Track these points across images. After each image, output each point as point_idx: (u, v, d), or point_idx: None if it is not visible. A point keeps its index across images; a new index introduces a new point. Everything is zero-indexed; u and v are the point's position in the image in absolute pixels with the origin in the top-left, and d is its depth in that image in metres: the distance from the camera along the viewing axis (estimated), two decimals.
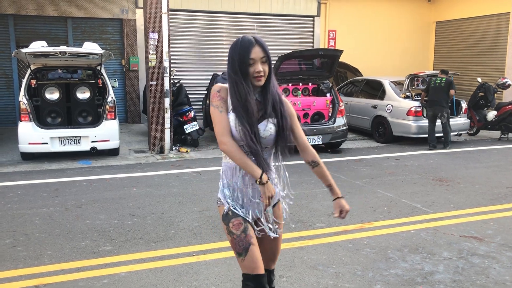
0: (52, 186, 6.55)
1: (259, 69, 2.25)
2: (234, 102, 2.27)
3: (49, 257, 4.14)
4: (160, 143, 9.10)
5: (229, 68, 2.30)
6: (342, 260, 4.08)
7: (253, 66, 2.25)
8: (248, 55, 2.23)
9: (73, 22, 12.31)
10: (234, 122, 2.27)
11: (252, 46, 2.25)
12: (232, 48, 2.30)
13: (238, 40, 2.30)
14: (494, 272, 3.84)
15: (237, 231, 2.34)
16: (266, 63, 2.29)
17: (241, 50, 2.25)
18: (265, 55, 2.27)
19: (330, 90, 9.61)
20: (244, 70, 2.25)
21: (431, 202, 5.84)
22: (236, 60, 2.26)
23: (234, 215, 2.37)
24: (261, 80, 2.28)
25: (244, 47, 2.25)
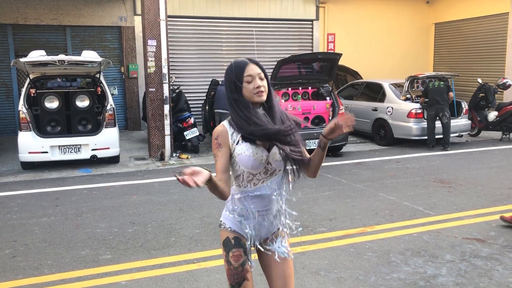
0: (52, 195, 6.53)
1: (258, 84, 2.22)
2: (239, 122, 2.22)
3: (49, 266, 4.12)
4: (161, 150, 9.08)
5: (227, 90, 2.28)
6: (344, 265, 4.05)
7: (252, 83, 2.22)
8: (243, 73, 2.22)
9: (72, 31, 12.35)
10: (250, 151, 2.22)
11: (247, 64, 2.24)
12: (227, 72, 2.29)
13: (232, 63, 2.29)
14: (497, 274, 3.81)
15: (235, 263, 2.31)
16: (264, 79, 2.26)
17: (236, 69, 2.24)
18: (262, 71, 2.26)
19: (330, 94, 9.59)
20: (239, 88, 2.22)
21: (433, 205, 5.80)
22: (233, 80, 2.24)
23: (237, 245, 2.32)
24: (262, 95, 2.23)
25: (239, 67, 2.24)
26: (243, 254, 2.32)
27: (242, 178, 2.31)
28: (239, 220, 2.33)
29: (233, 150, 2.28)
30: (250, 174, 2.29)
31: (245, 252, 2.33)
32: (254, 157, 2.22)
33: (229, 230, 2.35)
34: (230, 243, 2.33)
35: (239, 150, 2.25)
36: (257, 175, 2.29)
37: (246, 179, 2.31)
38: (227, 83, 2.29)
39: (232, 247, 2.32)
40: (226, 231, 2.35)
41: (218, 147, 2.27)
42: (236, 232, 2.34)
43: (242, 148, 2.24)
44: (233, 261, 2.31)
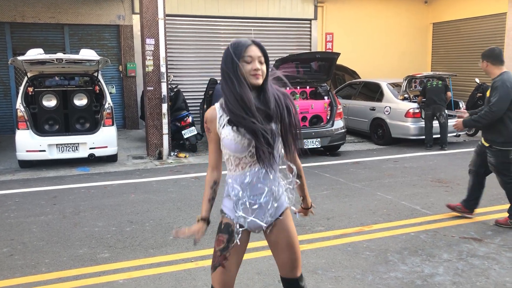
0: (50, 194, 6.53)
1: (256, 66, 2.21)
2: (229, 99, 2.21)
3: (47, 265, 4.12)
4: (158, 148, 9.08)
5: (223, 64, 2.26)
6: (342, 264, 4.06)
7: (251, 64, 2.21)
8: (242, 51, 2.21)
9: (70, 29, 12.32)
10: (232, 135, 2.24)
11: (249, 44, 2.23)
12: (226, 48, 2.27)
13: (234, 41, 2.28)
14: (494, 273, 3.82)
15: (217, 247, 2.38)
16: (264, 64, 2.25)
17: (236, 47, 2.23)
18: (263, 55, 2.25)
19: (328, 93, 9.60)
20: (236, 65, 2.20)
21: (431, 204, 5.82)
22: (232, 54, 2.22)
23: (224, 231, 2.38)
24: (259, 78, 2.22)
25: (241, 44, 2.23)
26: (225, 241, 2.36)
27: (230, 162, 2.35)
28: (232, 206, 2.37)
29: (220, 134, 2.30)
30: (236, 158, 2.29)
31: (229, 240, 2.35)
32: (236, 141, 2.23)
33: (224, 216, 2.42)
34: (220, 227, 2.41)
35: (223, 133, 2.28)
36: (243, 159, 2.29)
37: (233, 163, 2.33)
38: (224, 57, 2.27)
39: (219, 231, 2.40)
40: (222, 216, 2.43)
41: (207, 131, 2.35)
42: (228, 218, 2.39)
43: (225, 131, 2.27)
44: (215, 245, 2.39)
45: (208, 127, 2.33)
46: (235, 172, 2.33)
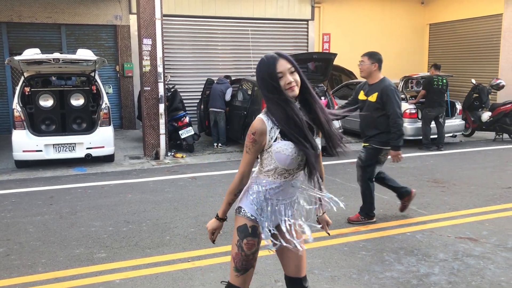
0: (46, 194, 6.52)
1: (289, 80, 2.24)
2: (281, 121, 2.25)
3: (43, 265, 4.12)
4: (155, 149, 9.08)
5: (263, 90, 2.29)
6: (338, 264, 4.07)
7: (283, 79, 2.24)
8: (275, 69, 2.23)
9: (67, 29, 12.31)
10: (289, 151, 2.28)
11: (277, 60, 2.26)
12: (258, 70, 2.30)
13: (262, 60, 2.30)
14: (490, 273, 3.84)
15: (248, 251, 2.38)
16: (296, 73, 2.28)
17: (267, 68, 2.25)
18: (292, 65, 2.28)
19: (324, 94, 9.62)
20: (277, 85, 2.23)
21: (427, 204, 5.84)
22: (267, 79, 2.25)
23: (253, 234, 2.38)
24: (294, 90, 2.26)
25: (269, 64, 2.25)
26: (256, 244, 2.40)
27: (274, 172, 2.37)
28: (259, 208, 2.39)
29: (269, 147, 2.31)
30: (283, 169, 2.35)
31: (259, 242, 2.42)
32: (293, 156, 2.29)
33: (248, 218, 2.39)
34: (247, 230, 2.38)
35: (277, 148, 2.29)
36: (290, 170, 2.36)
37: (278, 173, 2.37)
38: (260, 81, 2.30)
39: (248, 235, 2.38)
40: (244, 217, 2.40)
41: (253, 142, 2.31)
42: (255, 221, 2.39)
43: (281, 146, 2.29)
44: (246, 249, 2.38)
45: (256, 139, 2.29)
46: (276, 180, 2.38)
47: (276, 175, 2.37)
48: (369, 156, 4.99)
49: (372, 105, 4.83)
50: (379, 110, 4.80)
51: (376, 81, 4.86)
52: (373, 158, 4.98)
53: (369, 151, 4.97)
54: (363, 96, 4.97)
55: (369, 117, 4.88)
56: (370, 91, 4.88)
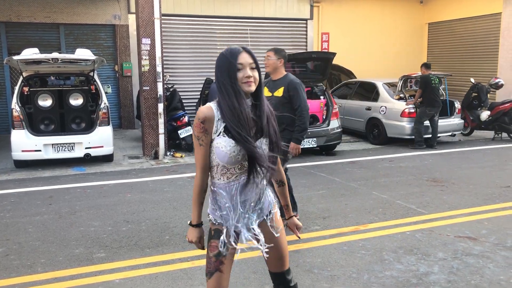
0: (45, 194, 6.51)
1: (248, 73, 2.21)
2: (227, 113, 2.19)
3: (43, 265, 4.11)
4: (154, 148, 9.07)
5: (219, 78, 2.26)
6: (337, 263, 4.07)
7: (242, 71, 2.21)
8: (235, 60, 2.21)
9: (66, 29, 12.29)
10: (229, 148, 2.21)
11: (240, 52, 2.23)
12: (219, 58, 2.28)
13: (225, 50, 2.29)
14: (489, 272, 3.85)
15: (211, 253, 2.35)
16: (256, 70, 2.25)
17: (229, 56, 2.23)
18: (254, 61, 2.25)
19: (324, 93, 9.63)
20: (233, 74, 2.20)
21: (426, 203, 5.84)
22: (224, 66, 2.22)
23: (215, 237, 2.35)
24: (251, 86, 2.23)
25: (231, 53, 2.23)
26: (219, 246, 2.34)
27: (216, 170, 2.31)
28: (217, 210, 2.36)
29: (213, 139, 2.26)
30: (224, 167, 2.28)
31: (223, 245, 2.34)
32: (231, 155, 2.22)
33: (212, 222, 2.40)
34: (210, 234, 2.39)
35: (218, 142, 2.24)
36: (231, 170, 2.28)
37: (220, 172, 2.30)
38: (219, 67, 2.26)
39: (210, 237, 2.38)
40: (210, 222, 2.41)
41: (204, 132, 2.24)
42: (217, 224, 2.37)
43: (221, 142, 2.23)
44: (209, 251, 2.37)
45: (206, 127, 2.23)
46: (220, 181, 2.31)
47: (218, 174, 2.30)
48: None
49: (279, 100, 4.71)
50: (285, 105, 4.69)
51: (281, 77, 4.79)
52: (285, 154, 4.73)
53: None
54: (268, 93, 4.82)
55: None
56: (275, 87, 4.78)
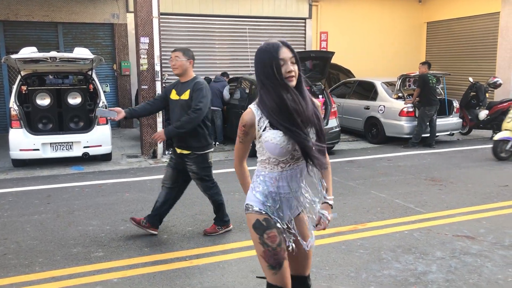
0: (44, 193, 6.50)
1: (290, 68, 2.21)
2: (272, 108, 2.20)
3: (41, 264, 4.11)
4: (153, 147, 9.07)
5: (260, 75, 2.24)
6: (336, 262, 4.07)
7: (284, 66, 2.21)
8: (278, 55, 2.20)
9: (64, 28, 12.27)
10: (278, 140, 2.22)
11: (280, 47, 2.23)
12: (259, 54, 2.25)
13: (264, 45, 2.26)
14: (487, 271, 3.85)
15: (272, 244, 2.28)
16: (296, 64, 2.25)
17: (270, 52, 2.21)
18: (294, 55, 2.25)
19: (322, 92, 9.62)
20: (279, 71, 2.19)
21: (424, 202, 5.85)
22: (267, 63, 2.20)
23: (269, 226, 2.30)
24: (293, 80, 2.23)
25: (272, 49, 2.22)
26: (278, 234, 2.31)
27: (268, 162, 2.32)
28: (265, 201, 2.33)
29: (259, 136, 2.28)
30: (276, 159, 2.29)
31: (279, 232, 2.33)
32: (282, 145, 2.23)
33: (258, 212, 2.33)
34: (262, 225, 2.30)
35: (266, 137, 2.25)
36: (284, 160, 2.30)
37: (272, 163, 2.32)
38: (260, 66, 2.24)
39: (265, 228, 2.30)
40: (254, 213, 2.33)
41: (245, 134, 2.31)
42: (265, 214, 2.33)
43: (269, 135, 2.24)
44: (270, 243, 2.28)
45: (247, 131, 2.29)
46: (272, 171, 2.33)
47: (272, 165, 2.32)
48: (200, 165, 4.55)
49: (185, 103, 4.45)
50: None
51: (189, 79, 4.55)
52: (205, 163, 4.59)
53: (197, 160, 4.53)
54: (176, 96, 4.55)
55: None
56: (183, 90, 4.51)
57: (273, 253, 2.28)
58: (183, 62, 4.55)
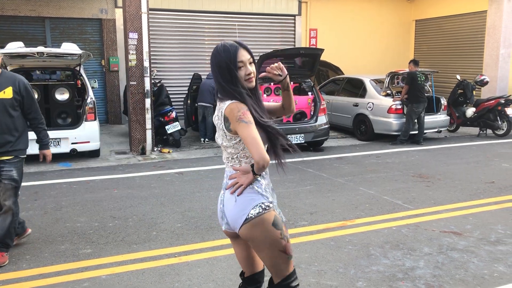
0: (31, 190, 6.44)
1: (249, 71, 2.24)
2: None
3: (28, 261, 4.07)
4: (142, 144, 9.02)
5: (220, 78, 2.24)
6: (324, 258, 4.10)
7: (243, 69, 2.24)
8: (236, 58, 2.21)
9: (51, 23, 12.13)
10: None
11: (238, 49, 2.23)
12: (216, 57, 2.24)
13: (220, 47, 2.24)
14: (473, 266, 3.90)
15: (288, 235, 2.36)
16: (253, 64, 2.29)
17: (228, 55, 2.21)
18: (251, 56, 2.28)
19: (311, 89, 9.64)
20: (235, 75, 2.21)
21: (412, 199, 5.90)
22: (225, 68, 2.21)
23: (281, 219, 2.36)
24: (252, 81, 2.28)
25: (230, 51, 2.21)
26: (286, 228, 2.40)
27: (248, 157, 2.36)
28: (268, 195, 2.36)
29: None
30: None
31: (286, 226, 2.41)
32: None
33: (273, 209, 2.34)
34: (279, 220, 2.32)
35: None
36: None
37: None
38: (218, 70, 2.24)
39: (282, 222, 2.34)
40: (272, 211, 2.32)
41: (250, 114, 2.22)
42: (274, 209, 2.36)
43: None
44: (287, 234, 2.35)
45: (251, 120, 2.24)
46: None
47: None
48: (22, 171, 4.21)
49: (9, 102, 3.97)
50: (16, 109, 4.02)
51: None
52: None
53: (19, 164, 4.12)
54: None
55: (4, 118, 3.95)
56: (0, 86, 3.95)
57: (289, 244, 2.36)
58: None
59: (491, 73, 13.32)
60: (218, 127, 2.33)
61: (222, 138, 2.34)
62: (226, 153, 2.39)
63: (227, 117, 2.22)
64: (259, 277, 2.58)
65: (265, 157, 2.15)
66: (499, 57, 13.40)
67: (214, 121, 2.35)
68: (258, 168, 2.18)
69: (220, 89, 2.27)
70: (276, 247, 2.30)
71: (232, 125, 2.23)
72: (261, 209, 2.27)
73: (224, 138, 2.32)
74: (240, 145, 2.31)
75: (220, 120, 2.28)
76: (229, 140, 2.30)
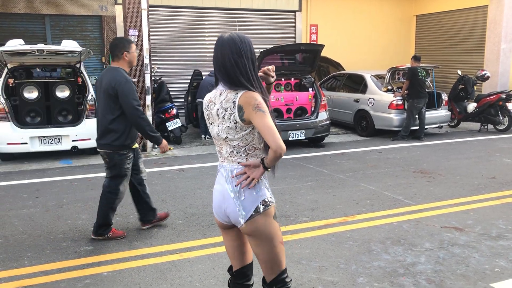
0: (32, 187, 6.45)
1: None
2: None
3: (29, 258, 4.08)
4: (142, 141, 9.02)
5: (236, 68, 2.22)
6: (326, 254, 4.10)
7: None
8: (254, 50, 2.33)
9: (51, 20, 12.10)
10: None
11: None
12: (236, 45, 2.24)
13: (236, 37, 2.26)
14: (474, 261, 3.90)
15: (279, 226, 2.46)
16: None
17: (250, 46, 2.29)
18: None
19: (312, 85, 9.63)
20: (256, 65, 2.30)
21: (413, 194, 5.89)
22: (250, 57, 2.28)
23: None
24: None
25: (249, 43, 2.29)
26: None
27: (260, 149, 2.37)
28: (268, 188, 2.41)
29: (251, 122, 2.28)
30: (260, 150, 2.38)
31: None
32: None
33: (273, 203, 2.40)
34: (276, 214, 2.41)
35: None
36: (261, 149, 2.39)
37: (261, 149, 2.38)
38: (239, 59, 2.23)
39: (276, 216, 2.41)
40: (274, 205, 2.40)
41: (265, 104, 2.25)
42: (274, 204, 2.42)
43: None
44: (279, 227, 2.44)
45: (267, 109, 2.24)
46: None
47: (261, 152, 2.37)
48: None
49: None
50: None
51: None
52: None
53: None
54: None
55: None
56: None
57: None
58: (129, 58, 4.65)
59: (492, 68, 13.28)
60: (224, 119, 2.25)
61: (228, 131, 2.26)
62: (229, 147, 2.31)
63: (242, 106, 2.19)
64: (247, 270, 2.58)
65: (282, 146, 2.15)
66: (500, 52, 13.36)
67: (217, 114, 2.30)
68: (275, 157, 2.19)
69: (230, 79, 2.24)
70: (277, 239, 2.36)
71: (246, 115, 2.19)
72: (268, 203, 2.34)
73: (231, 130, 2.26)
74: (250, 136, 2.27)
75: (230, 111, 2.23)
76: (238, 131, 2.25)
